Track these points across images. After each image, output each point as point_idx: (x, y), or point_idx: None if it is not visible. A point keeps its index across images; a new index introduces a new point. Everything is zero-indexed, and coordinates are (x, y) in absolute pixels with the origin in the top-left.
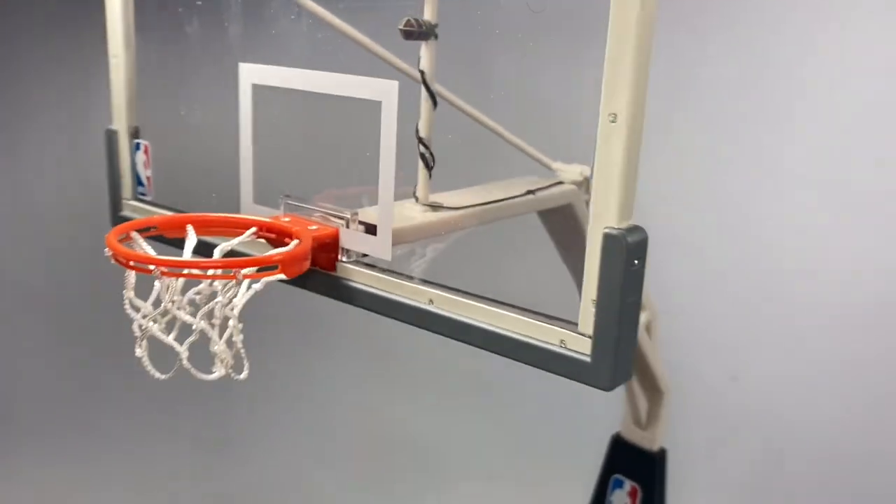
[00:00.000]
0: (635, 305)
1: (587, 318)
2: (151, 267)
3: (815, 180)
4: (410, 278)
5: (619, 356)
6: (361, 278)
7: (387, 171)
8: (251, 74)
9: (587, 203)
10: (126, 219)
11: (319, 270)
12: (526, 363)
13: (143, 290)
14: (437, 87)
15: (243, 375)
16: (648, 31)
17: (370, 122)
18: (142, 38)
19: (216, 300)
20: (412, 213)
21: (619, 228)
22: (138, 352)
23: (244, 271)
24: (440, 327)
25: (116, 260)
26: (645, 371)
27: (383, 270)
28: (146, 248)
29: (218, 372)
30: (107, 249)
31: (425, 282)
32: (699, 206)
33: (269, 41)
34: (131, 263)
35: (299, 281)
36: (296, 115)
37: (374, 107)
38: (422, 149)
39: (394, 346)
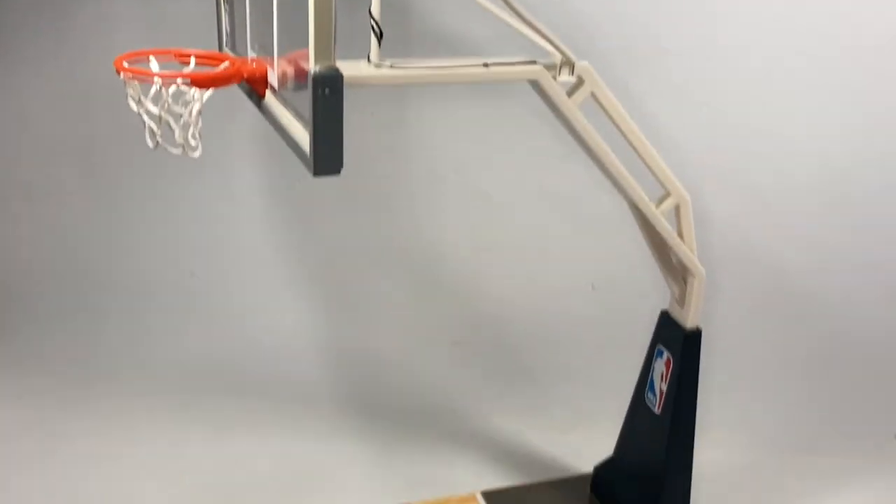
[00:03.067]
0: (333, 120)
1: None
2: (121, 73)
3: None
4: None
5: (319, 153)
6: (271, 103)
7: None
8: None
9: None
10: None
11: (259, 96)
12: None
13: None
14: None
15: (196, 154)
16: None
17: None
18: None
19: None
20: (360, 69)
21: (316, 68)
22: (148, 139)
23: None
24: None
25: (117, 69)
26: (668, 252)
27: (285, 102)
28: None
29: (177, 150)
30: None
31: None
32: None
33: None
34: (124, 65)
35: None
36: None
37: None
38: (372, 23)
39: None
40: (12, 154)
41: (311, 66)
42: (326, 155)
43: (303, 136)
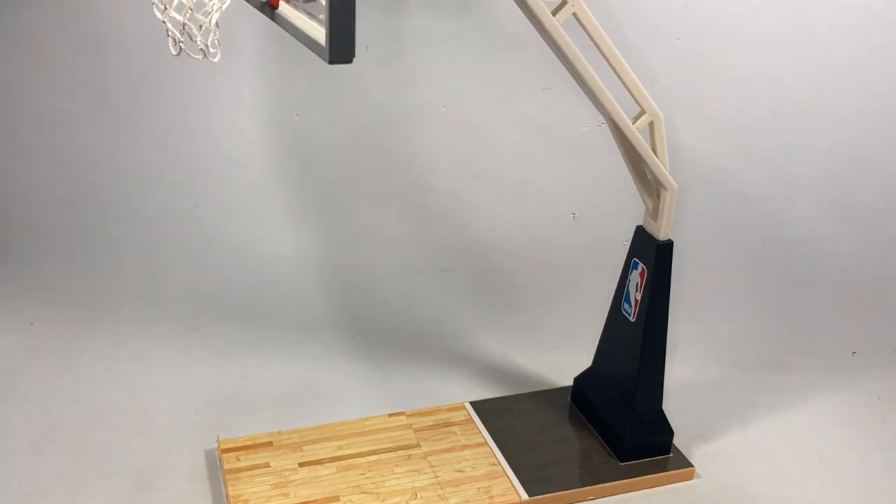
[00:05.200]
0: (346, 9)
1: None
2: None
3: None
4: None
5: (334, 41)
6: (286, 12)
7: None
8: None
9: None
10: None
11: (272, 5)
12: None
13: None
14: None
15: (216, 59)
16: None
17: None
18: None
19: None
20: None
21: None
22: (171, 47)
23: None
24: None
25: None
26: (643, 168)
27: (297, 7)
28: None
29: (198, 56)
30: None
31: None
32: None
33: None
34: None
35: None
36: None
37: None
38: None
39: None
40: (23, 87)
41: None
42: (340, 43)
43: (317, 31)
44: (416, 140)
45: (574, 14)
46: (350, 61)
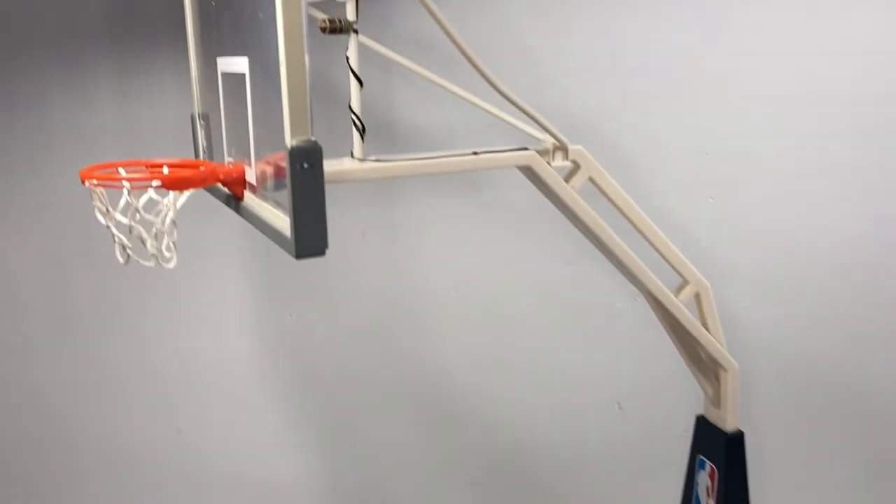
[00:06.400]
0: (315, 196)
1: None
2: (86, 182)
3: None
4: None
5: (301, 233)
6: (251, 203)
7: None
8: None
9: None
10: None
11: (237, 198)
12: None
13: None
14: (415, 67)
15: (171, 265)
16: None
17: None
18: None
19: (159, 210)
20: (345, 164)
21: (292, 141)
22: (118, 254)
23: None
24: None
25: (82, 179)
26: (695, 346)
27: (265, 198)
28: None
29: (149, 262)
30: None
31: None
32: None
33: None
34: (95, 179)
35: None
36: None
37: None
38: (353, 118)
39: None
40: None
41: (287, 141)
42: (308, 234)
43: (284, 223)
44: (427, 332)
45: (591, 178)
46: (322, 253)
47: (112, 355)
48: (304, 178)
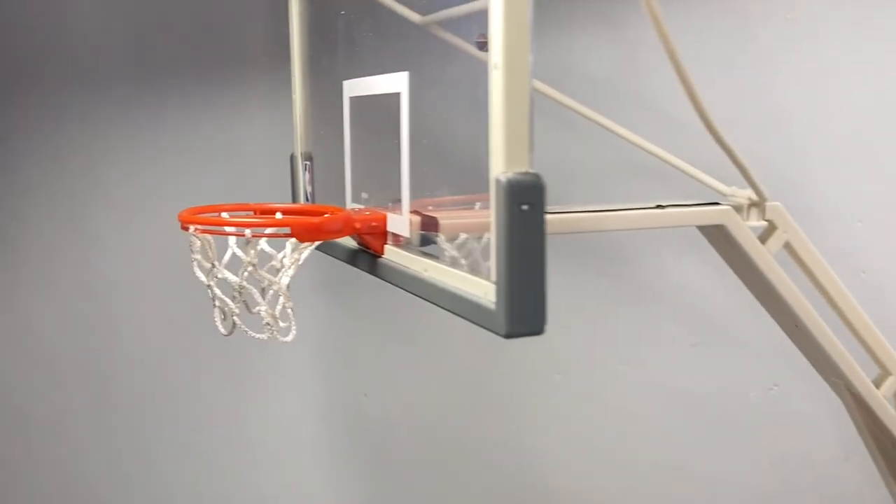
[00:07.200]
0: (534, 250)
1: (494, 266)
2: (191, 227)
3: None
4: (435, 257)
5: (515, 301)
6: (396, 260)
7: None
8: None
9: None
10: None
11: (375, 252)
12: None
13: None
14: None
15: (289, 338)
16: None
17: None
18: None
19: (274, 266)
20: None
21: (506, 174)
22: (218, 323)
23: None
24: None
25: (183, 226)
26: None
27: (424, 254)
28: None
29: (263, 335)
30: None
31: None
32: None
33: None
34: (191, 227)
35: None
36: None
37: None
38: None
39: None
40: (9, 379)
41: (498, 172)
42: (526, 302)
43: (473, 285)
44: (526, 423)
45: (788, 243)
46: (541, 331)
47: (156, 440)
48: (524, 223)
